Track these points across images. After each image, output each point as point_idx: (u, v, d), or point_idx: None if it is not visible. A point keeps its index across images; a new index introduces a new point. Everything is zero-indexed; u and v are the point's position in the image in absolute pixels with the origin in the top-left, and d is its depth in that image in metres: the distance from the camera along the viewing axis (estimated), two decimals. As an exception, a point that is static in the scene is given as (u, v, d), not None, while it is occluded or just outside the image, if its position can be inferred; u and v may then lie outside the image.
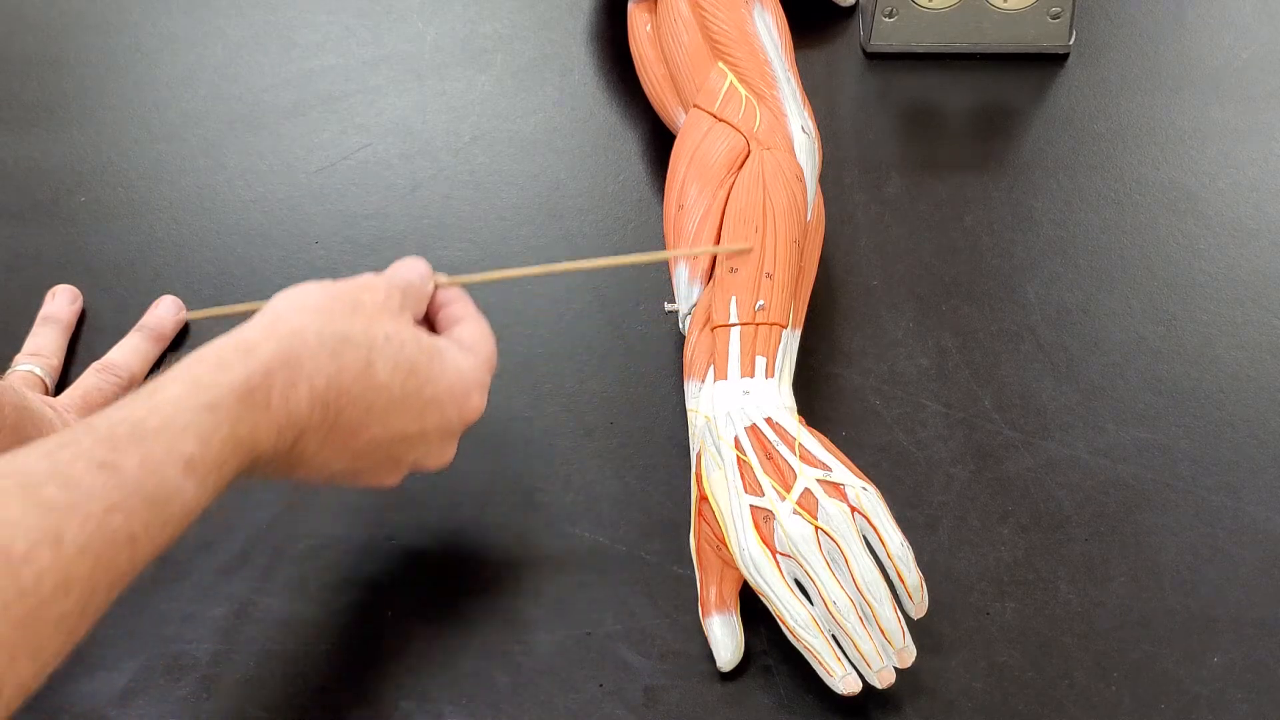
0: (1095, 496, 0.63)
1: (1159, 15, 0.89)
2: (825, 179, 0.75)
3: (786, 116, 0.70)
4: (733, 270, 0.62)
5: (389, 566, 0.61)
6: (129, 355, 0.67)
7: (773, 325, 0.61)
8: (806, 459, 0.56)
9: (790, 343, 0.62)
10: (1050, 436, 0.65)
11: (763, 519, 0.55)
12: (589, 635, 0.59)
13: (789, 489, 0.55)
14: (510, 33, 0.89)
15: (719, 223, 0.65)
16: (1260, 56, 0.86)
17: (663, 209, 0.69)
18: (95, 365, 0.66)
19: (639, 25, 0.80)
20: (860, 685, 0.54)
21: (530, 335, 0.70)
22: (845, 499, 0.55)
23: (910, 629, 0.54)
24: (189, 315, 0.70)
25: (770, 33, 0.75)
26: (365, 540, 0.62)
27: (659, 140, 0.80)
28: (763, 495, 0.55)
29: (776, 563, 0.54)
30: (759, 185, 0.65)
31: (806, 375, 0.67)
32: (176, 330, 0.70)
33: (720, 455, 0.57)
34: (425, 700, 0.57)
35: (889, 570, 0.54)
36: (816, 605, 0.54)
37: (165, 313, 0.70)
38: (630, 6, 0.82)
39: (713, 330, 0.61)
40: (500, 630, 0.59)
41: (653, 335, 0.70)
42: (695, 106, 0.71)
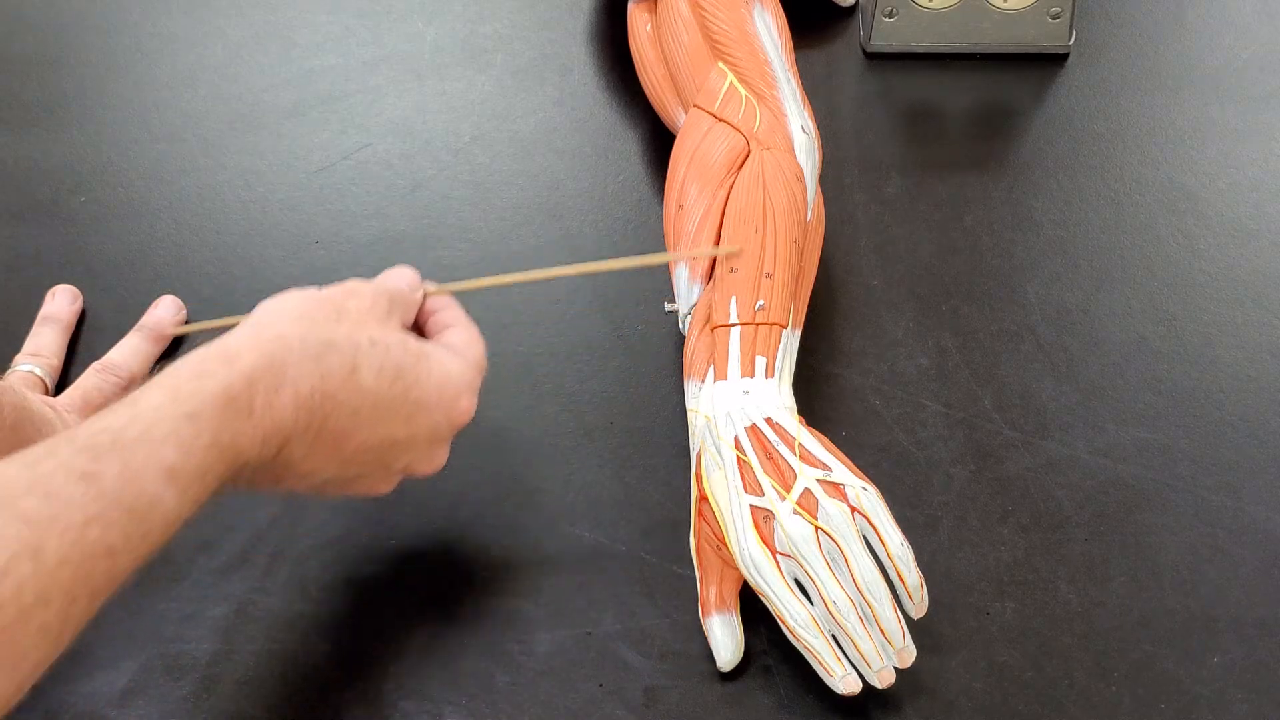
0: (1095, 496, 0.63)
1: (1159, 15, 0.89)
2: (825, 179, 0.75)
3: (786, 116, 0.70)
4: (733, 270, 0.62)
5: (389, 566, 0.61)
6: (129, 355, 0.67)
7: (773, 325, 0.61)
8: (806, 459, 0.56)
9: (790, 343, 0.62)
10: (1050, 436, 0.65)
11: (763, 519, 0.55)
12: (589, 635, 0.59)
13: (789, 489, 0.55)
14: (510, 33, 0.89)
15: (719, 223, 0.65)
16: (1260, 56, 0.86)
17: (663, 209, 0.69)
18: (95, 365, 0.66)
19: (639, 25, 0.80)
20: (860, 685, 0.54)
21: (530, 335, 0.70)
22: (845, 499, 0.55)
23: (910, 629, 0.54)
24: (175, 331, 0.69)
25: (770, 33, 0.75)
26: (365, 540, 0.62)
27: (659, 140, 0.80)
28: (763, 495, 0.55)
29: (776, 563, 0.54)
30: (759, 185, 0.65)
31: (806, 375, 0.67)
32: (176, 330, 0.70)
33: (720, 455, 0.57)
34: (425, 700, 0.57)
35: (889, 570, 0.54)
36: (816, 605, 0.54)
37: (165, 313, 0.70)
38: (630, 6, 0.82)
39: (713, 330, 0.61)
40: (500, 630, 0.59)
41: (653, 335, 0.70)
42: (695, 106, 0.71)
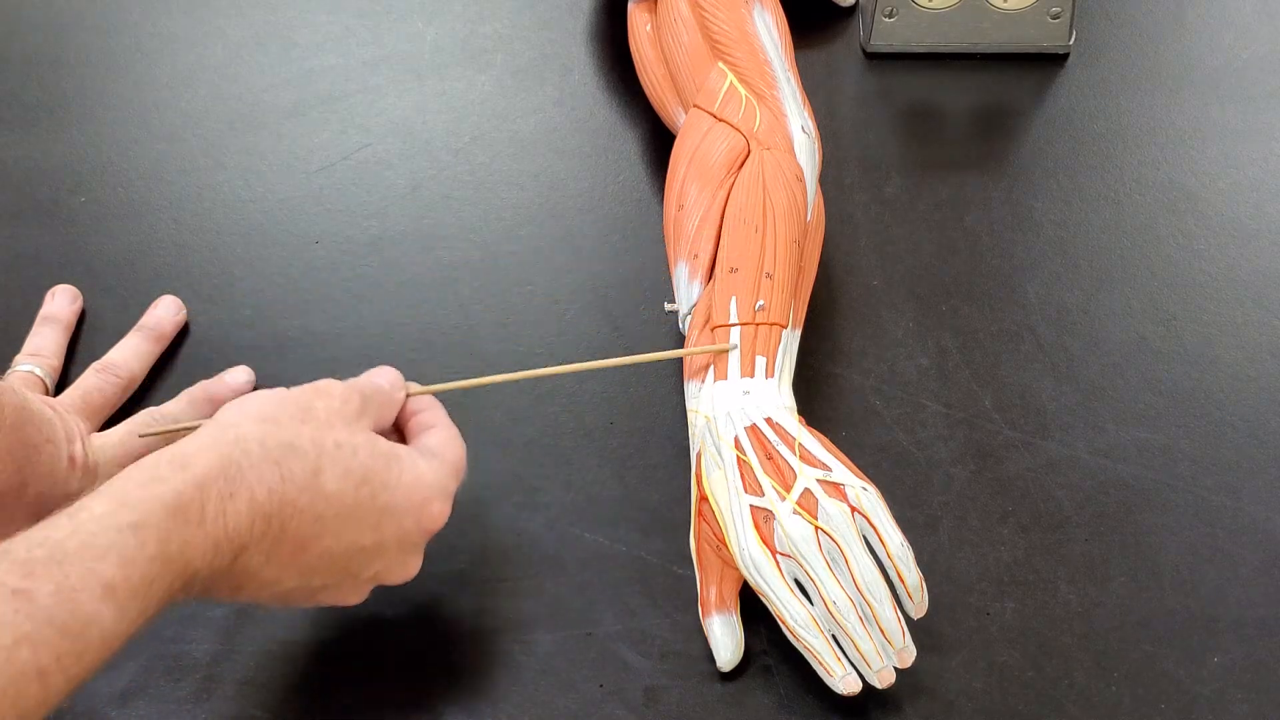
0: (1095, 496, 0.63)
1: (1159, 15, 0.89)
2: (825, 179, 0.75)
3: (786, 116, 0.70)
4: (733, 270, 0.62)
5: (389, 566, 0.61)
6: (129, 355, 0.67)
7: (773, 325, 0.61)
8: (806, 459, 0.56)
9: (790, 343, 0.62)
10: (1050, 436, 0.65)
11: (763, 519, 0.55)
12: (589, 635, 0.59)
13: (789, 489, 0.55)
14: (510, 33, 0.89)
15: (719, 223, 0.65)
16: (1260, 56, 0.85)
17: (663, 209, 0.69)
18: (95, 365, 0.66)
19: (639, 25, 0.80)
20: (860, 685, 0.54)
21: (530, 335, 0.70)
22: (845, 499, 0.55)
23: (910, 629, 0.54)
24: (143, 434, 0.61)
25: (770, 33, 0.75)
26: (365, 540, 0.62)
27: (659, 140, 0.80)
28: (763, 495, 0.55)
29: (776, 563, 0.54)
30: (759, 185, 0.65)
31: (806, 375, 0.67)
32: (176, 330, 0.70)
33: (720, 455, 0.57)
34: (425, 700, 0.57)
35: (889, 570, 0.54)
36: (816, 605, 0.54)
37: (165, 313, 0.70)
38: (630, 6, 0.82)
39: (713, 330, 0.61)
40: (500, 630, 0.59)
41: (653, 335, 0.70)
42: (695, 106, 0.71)
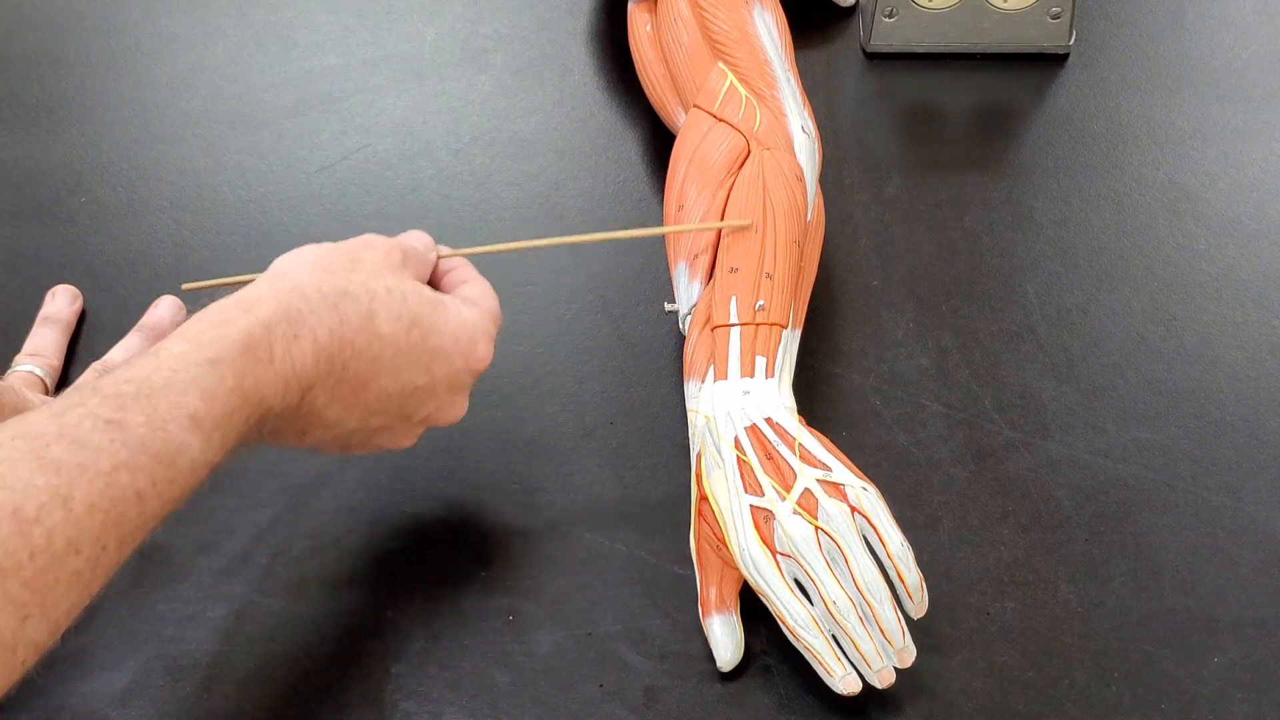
0: (1095, 496, 0.63)
1: (1159, 15, 0.89)
2: (825, 179, 0.75)
3: (786, 116, 0.70)
4: (733, 270, 0.62)
5: (389, 567, 0.61)
6: (129, 355, 0.67)
7: (773, 325, 0.61)
8: (806, 459, 0.56)
9: (790, 343, 0.62)
10: (1050, 436, 0.65)
11: (763, 519, 0.55)
12: (589, 635, 0.59)
13: (789, 489, 0.55)
14: (510, 33, 0.89)
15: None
16: (1260, 56, 0.86)
17: (663, 209, 0.69)
18: (95, 365, 0.66)
19: (639, 25, 0.80)
20: (860, 685, 0.54)
21: (530, 335, 0.70)
22: (845, 499, 0.55)
23: (910, 629, 0.54)
24: (188, 286, 0.67)
25: (770, 33, 0.75)
26: (365, 541, 0.62)
27: (659, 140, 0.80)
28: (763, 495, 0.55)
29: (776, 563, 0.54)
30: (759, 185, 0.65)
31: (806, 375, 0.67)
32: (175, 329, 0.70)
33: (720, 455, 0.57)
34: (425, 700, 0.57)
35: (889, 570, 0.54)
36: (816, 605, 0.54)
37: (165, 313, 0.70)
38: (630, 6, 0.82)
39: (713, 330, 0.61)
40: (500, 630, 0.59)
41: (653, 335, 0.70)
42: (695, 106, 0.71)
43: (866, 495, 0.55)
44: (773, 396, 0.59)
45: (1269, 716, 0.56)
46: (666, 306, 0.67)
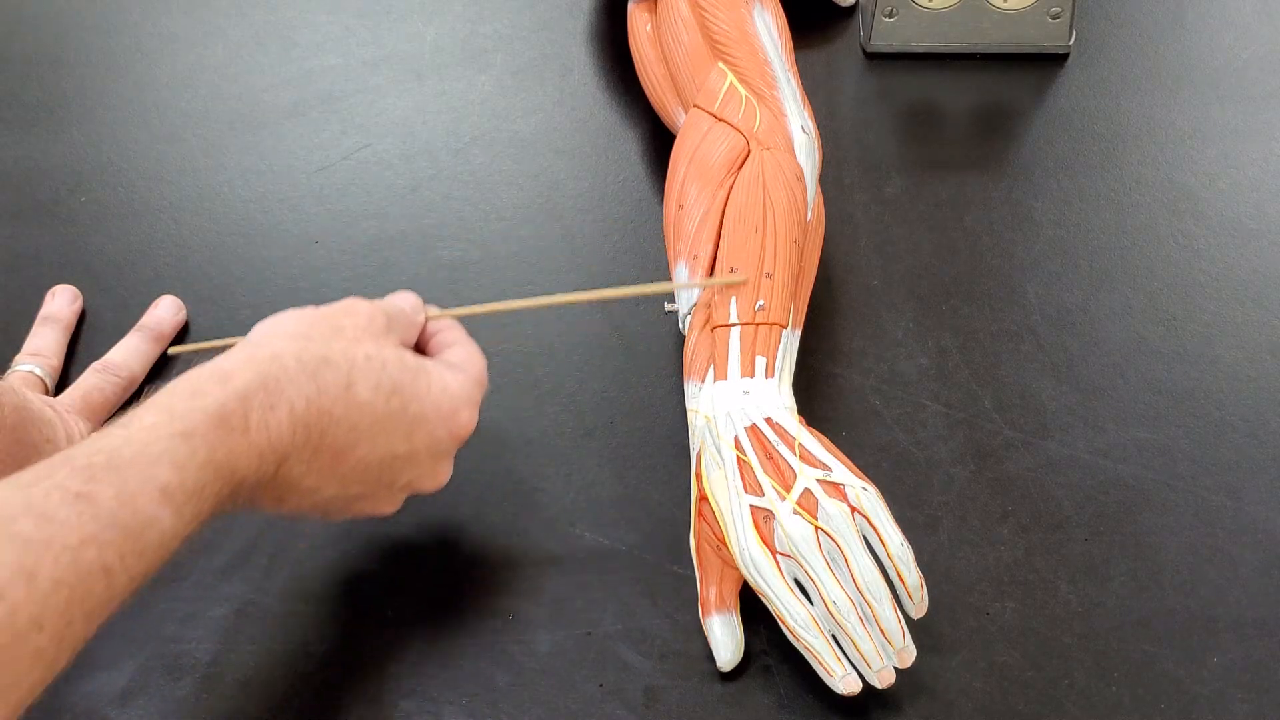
0: (1095, 496, 0.63)
1: (1159, 15, 0.89)
2: (825, 179, 0.75)
3: (786, 116, 0.70)
4: (732, 270, 0.62)
5: (389, 567, 0.61)
6: (129, 355, 0.67)
7: (773, 325, 0.61)
8: (806, 459, 0.56)
9: (790, 343, 0.62)
10: (1050, 436, 0.65)
11: (763, 519, 0.55)
12: (589, 635, 0.59)
13: (789, 489, 0.55)
14: (510, 33, 0.89)
15: (719, 223, 0.65)
16: (1260, 56, 0.86)
17: (663, 209, 0.69)
18: (95, 365, 0.66)
19: (639, 25, 0.80)
20: (860, 685, 0.54)
21: (530, 335, 0.70)
22: (845, 499, 0.55)
23: (910, 629, 0.54)
24: (174, 350, 0.69)
25: (770, 33, 0.75)
26: (365, 540, 0.62)
27: (659, 140, 0.80)
28: (763, 495, 0.55)
29: (776, 563, 0.54)
30: (759, 185, 0.65)
31: (806, 375, 0.67)
32: (176, 330, 0.70)
33: (720, 455, 0.57)
34: (425, 700, 0.57)
35: (889, 570, 0.54)
36: (816, 605, 0.54)
37: (165, 313, 0.70)
38: (630, 6, 0.82)
39: (713, 330, 0.61)
40: (500, 630, 0.59)
41: (653, 335, 0.70)
42: (695, 106, 0.71)
43: (866, 495, 0.55)
44: (773, 396, 0.59)
45: (1269, 716, 0.56)
46: (666, 306, 0.67)
